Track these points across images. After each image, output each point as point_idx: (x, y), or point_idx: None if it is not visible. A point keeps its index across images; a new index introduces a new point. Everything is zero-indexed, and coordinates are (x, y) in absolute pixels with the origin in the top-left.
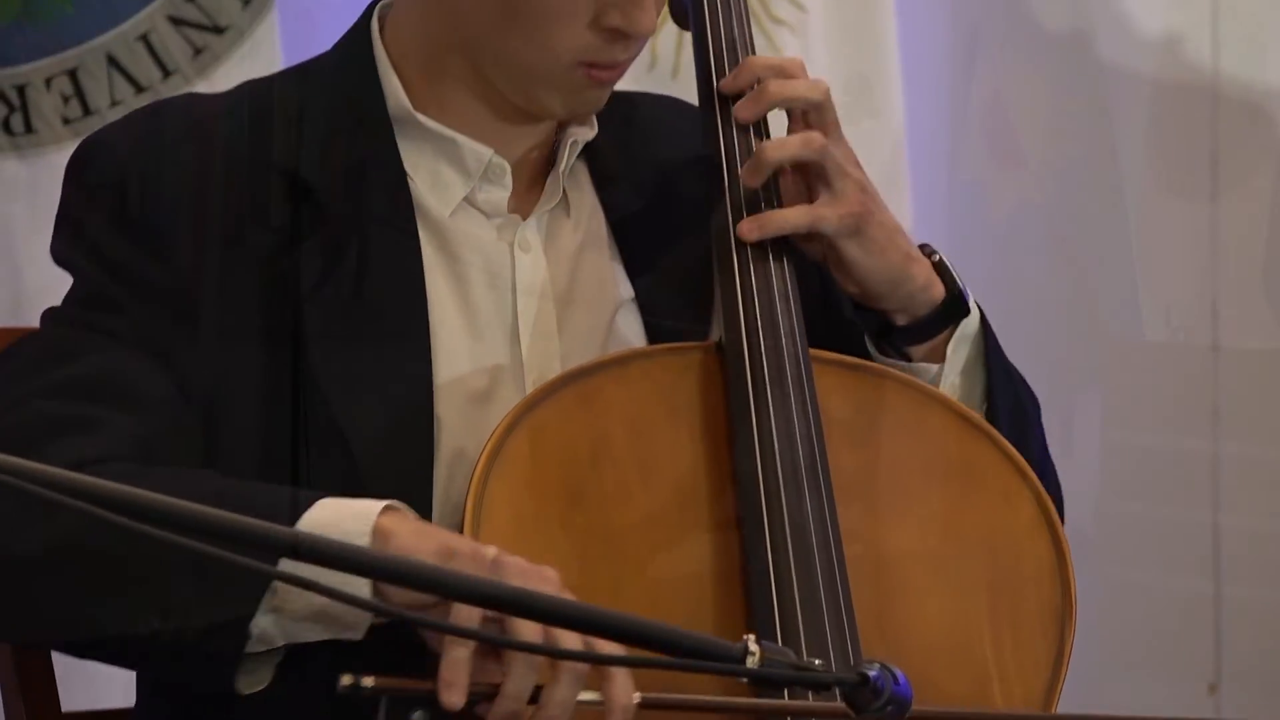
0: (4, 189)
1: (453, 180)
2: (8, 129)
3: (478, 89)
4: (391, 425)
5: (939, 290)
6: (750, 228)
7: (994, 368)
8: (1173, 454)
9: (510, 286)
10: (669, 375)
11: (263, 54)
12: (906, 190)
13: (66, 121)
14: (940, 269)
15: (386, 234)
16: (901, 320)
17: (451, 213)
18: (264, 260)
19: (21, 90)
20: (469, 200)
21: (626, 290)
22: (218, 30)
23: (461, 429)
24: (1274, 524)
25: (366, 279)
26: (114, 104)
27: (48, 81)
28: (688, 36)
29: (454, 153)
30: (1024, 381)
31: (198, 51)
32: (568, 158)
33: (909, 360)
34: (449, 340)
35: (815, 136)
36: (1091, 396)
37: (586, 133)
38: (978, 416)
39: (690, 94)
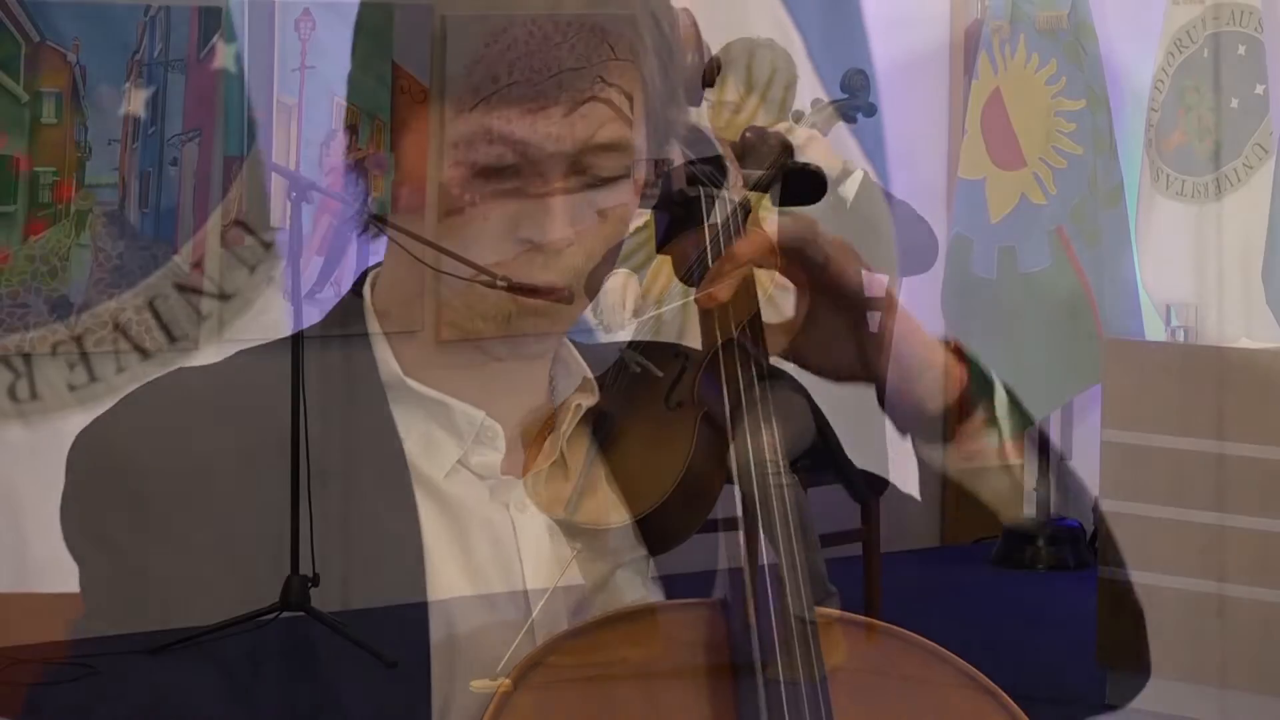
0: (9, 455)
1: (444, 443)
2: (13, 396)
3: (465, 352)
4: (383, 687)
5: None
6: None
7: None
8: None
9: (515, 549)
10: (675, 632)
11: (268, 319)
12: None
13: (72, 388)
14: None
15: (382, 495)
16: None
17: (446, 475)
18: (260, 535)
19: (27, 358)
20: (462, 463)
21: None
22: (223, 297)
23: (457, 685)
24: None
25: (359, 541)
26: (120, 370)
27: (54, 348)
28: None
29: (446, 416)
30: None
31: (204, 318)
32: (570, 422)
33: None
34: (452, 603)
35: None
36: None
37: (588, 399)
38: (982, 676)
39: None
